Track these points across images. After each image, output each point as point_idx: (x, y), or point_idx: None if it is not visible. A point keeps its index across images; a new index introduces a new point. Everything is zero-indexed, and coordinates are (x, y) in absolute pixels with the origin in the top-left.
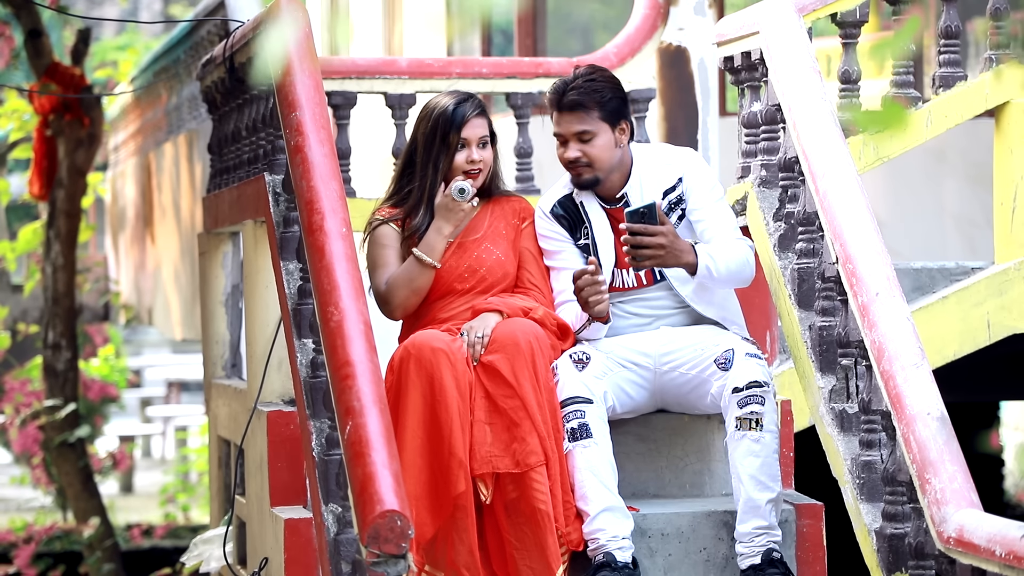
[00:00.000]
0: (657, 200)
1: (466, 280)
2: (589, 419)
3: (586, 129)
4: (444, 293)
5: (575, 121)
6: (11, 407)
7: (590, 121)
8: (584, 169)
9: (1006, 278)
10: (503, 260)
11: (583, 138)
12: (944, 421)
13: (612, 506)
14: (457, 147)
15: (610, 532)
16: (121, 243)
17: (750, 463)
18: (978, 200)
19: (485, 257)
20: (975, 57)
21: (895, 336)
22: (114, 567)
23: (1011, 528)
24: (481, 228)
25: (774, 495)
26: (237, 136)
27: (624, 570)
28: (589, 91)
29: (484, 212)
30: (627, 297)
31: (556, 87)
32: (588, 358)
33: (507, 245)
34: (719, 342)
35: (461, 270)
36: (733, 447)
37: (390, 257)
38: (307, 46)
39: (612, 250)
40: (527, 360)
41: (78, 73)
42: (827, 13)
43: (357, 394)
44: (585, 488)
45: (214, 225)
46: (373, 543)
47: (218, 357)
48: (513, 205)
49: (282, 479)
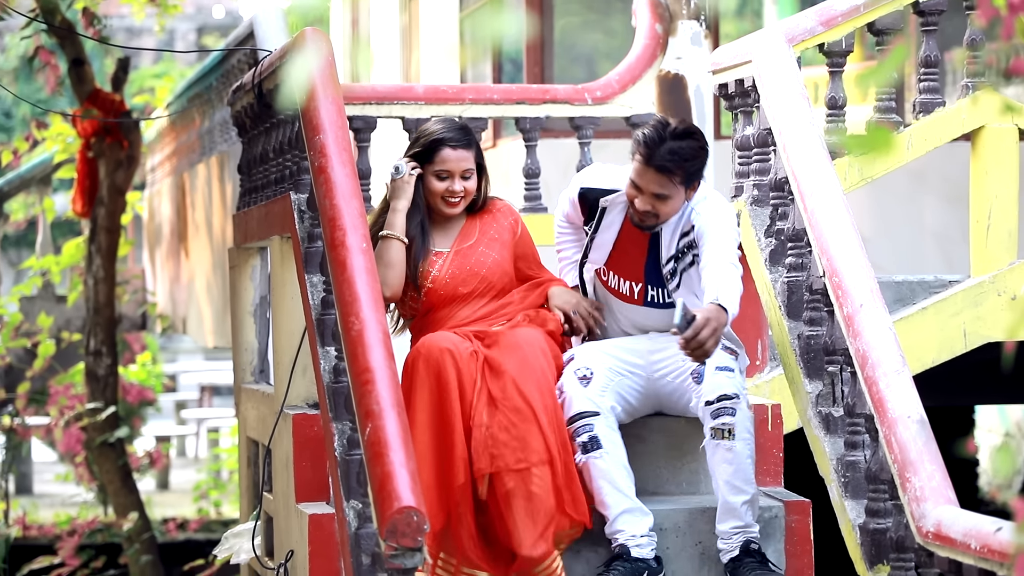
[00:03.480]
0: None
1: (468, 283)
2: (598, 431)
3: (666, 193)
4: (450, 299)
5: (657, 184)
6: (56, 409)
7: (671, 187)
8: (650, 219)
9: (981, 290)
10: (500, 261)
11: (660, 198)
12: (923, 424)
13: (629, 508)
14: (435, 176)
15: (628, 532)
16: (157, 257)
17: (724, 469)
18: (955, 218)
19: (484, 260)
20: (953, 85)
21: (878, 344)
22: (151, 558)
23: (985, 523)
24: (473, 235)
25: (748, 497)
26: (265, 158)
27: (637, 563)
28: (680, 160)
29: (473, 221)
30: (618, 301)
31: (650, 141)
32: (592, 373)
33: (500, 247)
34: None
35: (464, 275)
36: (710, 454)
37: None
38: (330, 74)
39: (607, 253)
40: (533, 367)
41: (118, 99)
42: (815, 44)
43: (376, 398)
44: (603, 495)
45: (243, 240)
46: (391, 537)
47: (247, 363)
48: (499, 209)
49: (307, 477)
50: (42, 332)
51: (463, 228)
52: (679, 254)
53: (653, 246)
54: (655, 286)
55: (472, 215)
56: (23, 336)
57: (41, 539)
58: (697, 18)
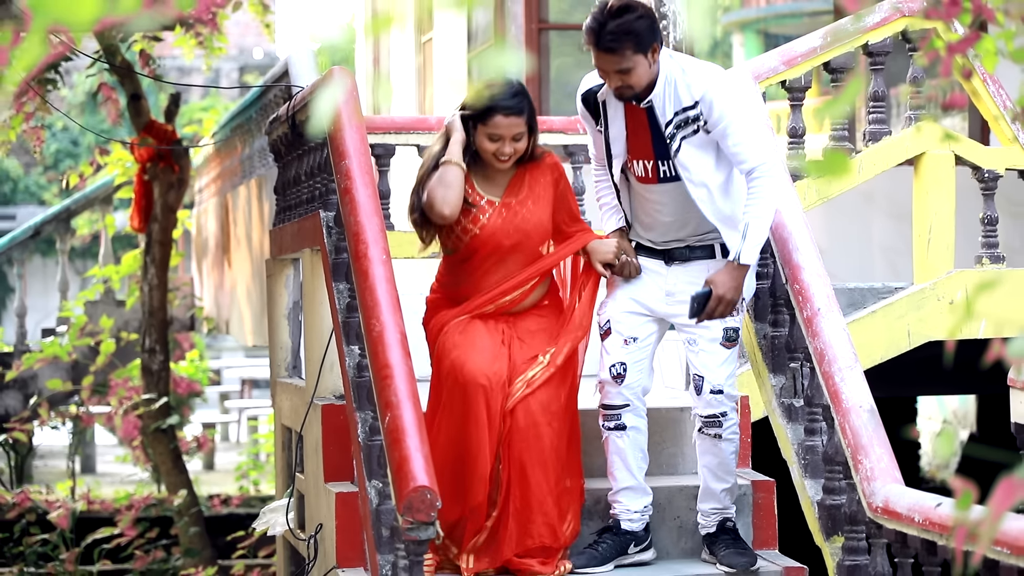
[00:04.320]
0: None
1: (512, 237)
2: (625, 419)
3: (624, 67)
4: (492, 250)
5: (613, 62)
6: (116, 400)
7: (627, 60)
8: (626, 91)
9: (923, 296)
10: (543, 219)
11: (623, 72)
12: (873, 413)
13: (631, 486)
14: (488, 137)
15: (624, 506)
16: (204, 267)
17: (710, 460)
18: (900, 232)
19: (529, 217)
20: (898, 116)
21: (834, 343)
22: (199, 530)
23: (927, 499)
24: (522, 189)
25: (728, 485)
26: (297, 180)
27: (625, 535)
28: (622, 34)
29: (522, 174)
30: (642, 186)
31: (592, 28)
32: (625, 370)
33: (544, 204)
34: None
35: (509, 229)
36: (699, 444)
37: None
38: (354, 106)
39: (624, 141)
40: (543, 449)
41: (170, 129)
42: (778, 80)
43: (395, 391)
44: (613, 468)
45: (279, 253)
46: (408, 512)
47: (282, 360)
48: (547, 164)
49: (334, 460)
50: (104, 332)
51: (512, 180)
52: (680, 124)
53: (652, 120)
54: (662, 158)
55: (521, 167)
56: (88, 336)
57: (103, 513)
58: None
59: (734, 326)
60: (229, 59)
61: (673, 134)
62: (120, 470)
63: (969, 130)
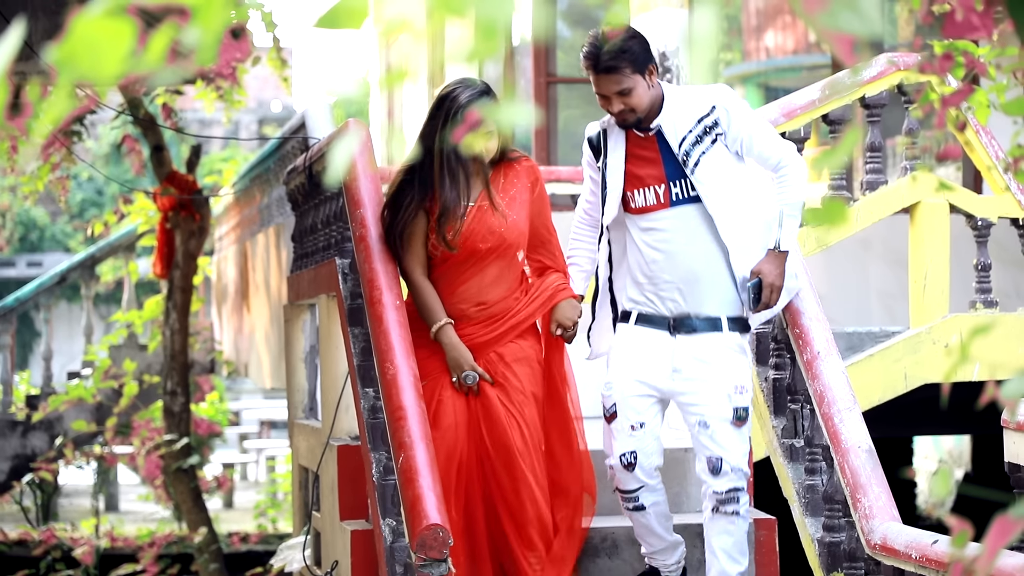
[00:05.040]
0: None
1: (487, 240)
2: (643, 500)
3: (624, 87)
4: (468, 254)
5: (613, 83)
6: (138, 440)
7: (626, 79)
8: (629, 115)
9: (919, 340)
10: (519, 221)
11: (623, 94)
12: (871, 453)
13: (663, 548)
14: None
15: (661, 561)
16: (224, 312)
17: (724, 540)
18: (896, 278)
19: (504, 219)
20: (894, 166)
21: (833, 386)
22: (218, 566)
23: (923, 537)
24: (497, 191)
25: (743, 568)
26: (314, 228)
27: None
28: (618, 54)
29: (497, 175)
30: (646, 218)
31: (589, 54)
32: (636, 458)
33: (520, 207)
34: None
35: (483, 231)
36: (709, 525)
37: (417, 246)
38: (369, 157)
39: (621, 175)
40: (523, 464)
41: (191, 179)
42: (778, 132)
43: (408, 432)
44: (643, 537)
45: (296, 298)
46: (421, 550)
47: (299, 402)
48: (524, 167)
49: (349, 498)
50: (127, 375)
51: (489, 182)
52: (698, 138)
53: (661, 141)
54: (675, 179)
55: (496, 168)
56: (111, 378)
57: (126, 549)
58: None
59: (743, 405)
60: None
61: (689, 151)
62: (142, 508)
63: (963, 180)
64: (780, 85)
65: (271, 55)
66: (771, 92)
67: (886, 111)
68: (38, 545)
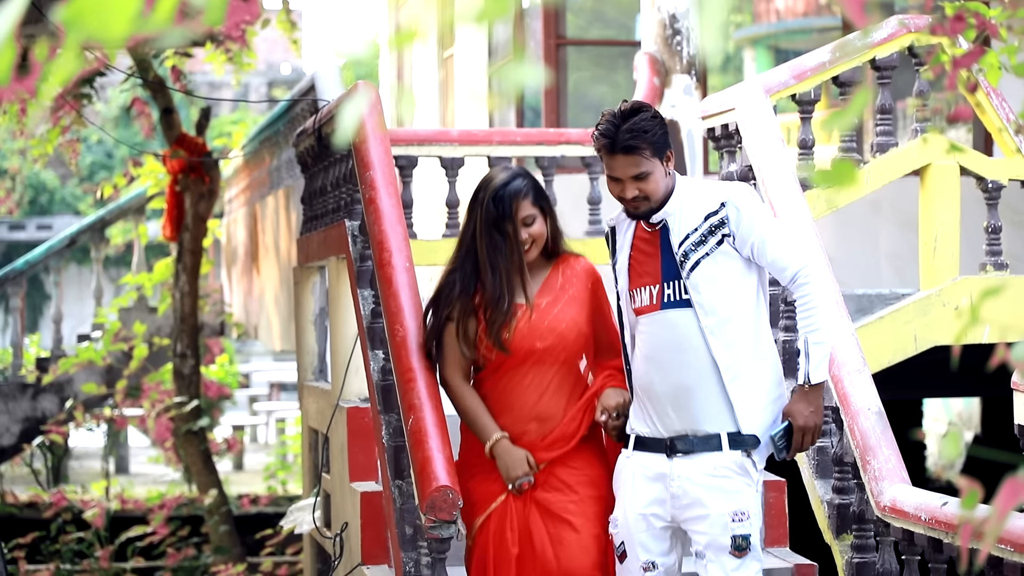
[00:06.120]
0: (769, 434)
1: (546, 338)
2: None
3: (642, 171)
4: (525, 356)
5: (631, 165)
6: (148, 403)
7: (644, 163)
8: (642, 203)
9: (929, 302)
10: (578, 320)
11: (639, 178)
12: (881, 415)
13: None
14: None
15: None
16: (234, 274)
17: None
18: (906, 241)
19: (563, 317)
20: (904, 129)
21: (842, 348)
22: (228, 528)
23: (933, 499)
24: (554, 288)
25: None
26: (324, 191)
27: None
28: (639, 134)
29: (555, 272)
30: (642, 320)
31: (606, 132)
32: None
33: (579, 306)
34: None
35: (542, 329)
36: None
37: (452, 352)
38: (378, 119)
39: (627, 271)
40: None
41: (201, 142)
42: (788, 94)
43: (418, 394)
44: None
45: (306, 261)
46: (430, 511)
47: (309, 364)
48: (582, 266)
49: (359, 460)
50: (137, 338)
51: (546, 280)
52: (702, 237)
53: (664, 237)
54: (670, 280)
55: (555, 267)
56: (121, 341)
57: (136, 511)
58: (689, 72)
59: (743, 533)
60: (258, 74)
61: (689, 251)
62: (152, 471)
63: (973, 142)
64: (791, 47)
65: (280, 17)
66: (781, 54)
67: (897, 73)
68: (48, 507)
